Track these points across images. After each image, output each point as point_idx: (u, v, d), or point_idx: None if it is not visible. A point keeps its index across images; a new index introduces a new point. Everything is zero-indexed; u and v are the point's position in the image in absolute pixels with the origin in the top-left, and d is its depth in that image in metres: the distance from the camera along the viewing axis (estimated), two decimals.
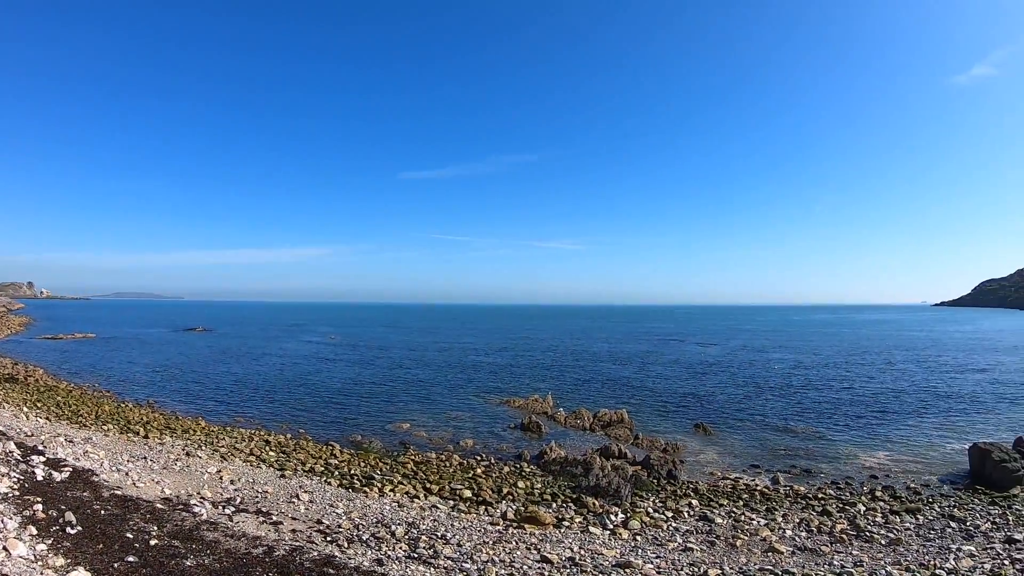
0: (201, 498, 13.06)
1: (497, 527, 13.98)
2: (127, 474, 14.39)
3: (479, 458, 22.42)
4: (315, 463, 20.27)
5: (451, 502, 16.56)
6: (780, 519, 15.79)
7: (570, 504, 16.94)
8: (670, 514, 16.16)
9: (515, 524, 14.52)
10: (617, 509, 16.27)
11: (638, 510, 16.38)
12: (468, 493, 17.42)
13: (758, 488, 19.09)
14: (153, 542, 9.02)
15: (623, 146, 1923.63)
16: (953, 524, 15.32)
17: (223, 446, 22.00)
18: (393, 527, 12.58)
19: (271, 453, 21.47)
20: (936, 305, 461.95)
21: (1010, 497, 17.82)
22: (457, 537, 12.38)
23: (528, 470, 20.74)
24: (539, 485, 18.76)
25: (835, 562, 12.34)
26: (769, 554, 13.07)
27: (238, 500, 13.59)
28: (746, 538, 14.12)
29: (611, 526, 14.82)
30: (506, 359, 62.49)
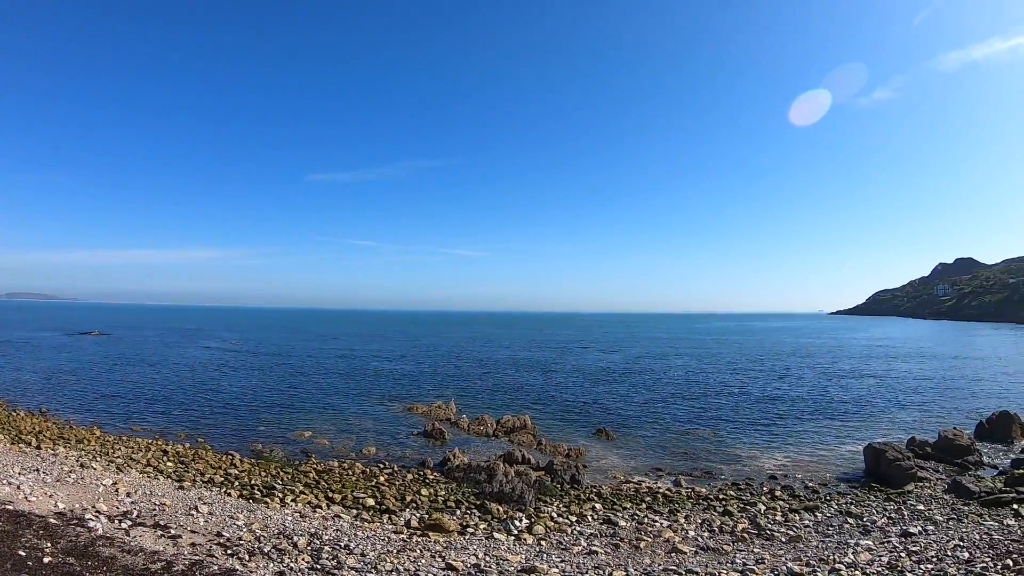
0: (96, 512, 12.77)
1: (401, 535, 14.16)
2: (19, 487, 13.83)
3: (382, 466, 22.57)
4: (214, 473, 19.97)
5: (354, 511, 16.68)
6: (683, 520, 16.37)
7: (474, 511, 17.15)
8: (574, 518, 16.56)
9: (419, 532, 14.70)
10: (521, 515, 16.62)
11: (542, 515, 16.69)
12: (371, 501, 17.60)
13: (660, 491, 19.56)
14: (47, 560, 8.89)
15: (528, 154, 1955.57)
16: (851, 520, 16.05)
17: (119, 457, 21.27)
18: (295, 538, 12.54)
19: (169, 464, 20.94)
20: (832, 314, 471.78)
21: (904, 493, 18.75)
22: (361, 547, 12.46)
23: (432, 477, 21.04)
24: (443, 492, 19.07)
25: (737, 560, 12.64)
26: (673, 555, 13.49)
27: (135, 513, 13.29)
28: (650, 540, 14.63)
29: (516, 532, 15.13)
30: (409, 366, 62.38)
